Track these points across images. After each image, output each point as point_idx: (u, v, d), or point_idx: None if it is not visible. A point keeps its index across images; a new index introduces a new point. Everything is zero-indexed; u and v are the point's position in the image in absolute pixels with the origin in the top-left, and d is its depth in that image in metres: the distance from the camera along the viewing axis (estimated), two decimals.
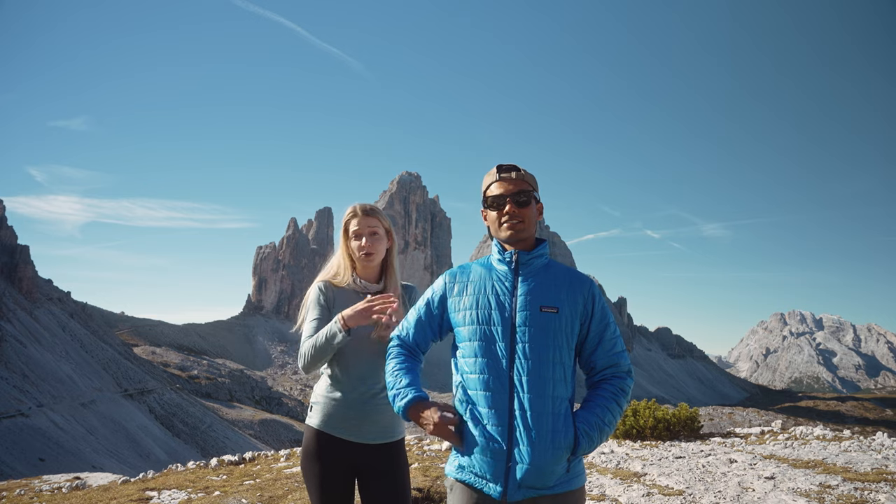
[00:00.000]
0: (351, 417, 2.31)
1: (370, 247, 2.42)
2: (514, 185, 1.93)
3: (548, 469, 1.75)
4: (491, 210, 1.97)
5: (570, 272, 1.96)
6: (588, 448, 1.80)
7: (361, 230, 2.43)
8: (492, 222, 1.98)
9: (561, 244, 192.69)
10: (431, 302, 2.03)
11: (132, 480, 7.43)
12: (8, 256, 75.99)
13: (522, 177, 1.95)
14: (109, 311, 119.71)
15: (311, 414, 2.41)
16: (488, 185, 1.98)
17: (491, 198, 1.96)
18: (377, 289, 2.48)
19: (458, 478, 1.87)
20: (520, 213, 1.92)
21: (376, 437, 2.34)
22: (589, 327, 1.91)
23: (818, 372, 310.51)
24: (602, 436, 1.82)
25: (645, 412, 9.29)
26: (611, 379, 1.90)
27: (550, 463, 1.75)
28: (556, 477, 1.77)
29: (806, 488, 5.14)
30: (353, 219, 2.45)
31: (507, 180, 1.94)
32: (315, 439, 2.34)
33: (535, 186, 1.99)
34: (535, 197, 1.98)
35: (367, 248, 2.41)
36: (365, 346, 2.34)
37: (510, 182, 1.94)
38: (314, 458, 2.32)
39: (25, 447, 43.92)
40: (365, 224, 2.44)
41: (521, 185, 1.94)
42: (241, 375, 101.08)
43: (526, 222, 1.93)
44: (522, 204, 1.93)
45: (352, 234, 2.45)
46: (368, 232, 2.43)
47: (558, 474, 1.78)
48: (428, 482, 5.75)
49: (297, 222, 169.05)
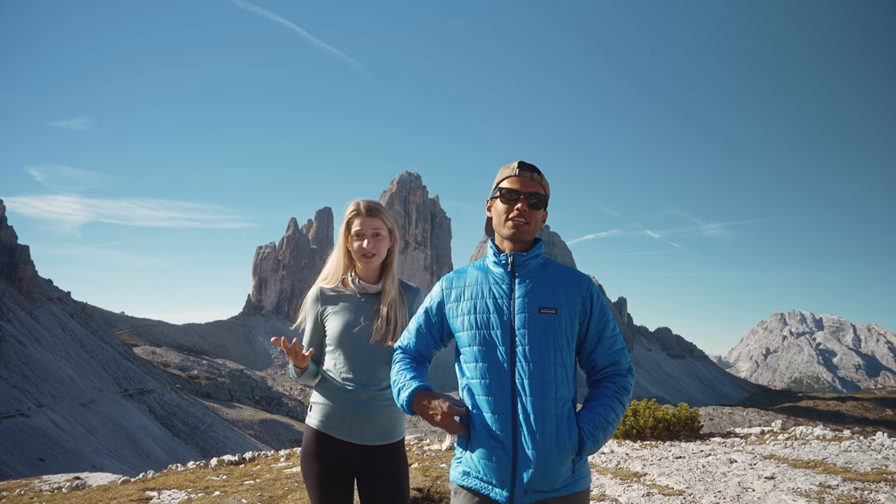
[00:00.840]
0: (350, 418, 2.30)
1: (372, 248, 2.34)
2: (530, 185, 1.91)
3: (554, 471, 1.73)
4: (501, 202, 1.93)
5: (568, 271, 1.94)
6: (593, 448, 1.78)
7: (364, 231, 2.34)
8: (497, 215, 1.94)
9: (561, 244, 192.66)
10: (430, 310, 2.01)
11: (132, 480, 7.42)
12: (8, 256, 76.01)
13: (540, 180, 1.93)
14: (109, 311, 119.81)
15: (310, 414, 2.40)
16: (505, 177, 1.94)
17: (505, 190, 1.92)
18: (376, 290, 2.40)
19: (463, 484, 1.83)
20: (529, 213, 1.90)
21: (376, 438, 2.32)
22: (588, 326, 1.89)
23: (818, 372, 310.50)
24: (606, 435, 1.81)
25: (645, 412, 9.30)
26: (612, 377, 1.89)
27: (556, 465, 1.74)
28: (562, 479, 1.76)
29: (806, 488, 5.14)
30: (356, 218, 2.36)
31: (525, 178, 1.91)
32: (314, 439, 2.33)
33: (548, 193, 1.97)
34: (545, 203, 1.96)
35: (368, 251, 2.34)
36: (364, 348, 2.31)
37: (528, 180, 1.91)
38: (314, 459, 2.31)
39: (25, 447, 43.93)
40: (368, 225, 2.35)
41: (537, 188, 1.92)
42: (241, 375, 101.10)
43: (531, 225, 1.91)
44: (534, 206, 1.91)
45: (353, 233, 2.36)
46: (371, 233, 2.35)
47: (564, 476, 1.76)
48: (428, 482, 5.74)
49: (297, 222, 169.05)
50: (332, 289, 2.43)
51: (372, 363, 2.32)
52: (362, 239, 2.35)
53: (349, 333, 2.33)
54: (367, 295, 2.41)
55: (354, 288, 2.41)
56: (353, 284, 2.41)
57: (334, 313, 2.37)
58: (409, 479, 2.41)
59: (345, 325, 2.34)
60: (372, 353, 2.32)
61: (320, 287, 2.44)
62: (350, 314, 2.37)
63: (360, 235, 2.35)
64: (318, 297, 2.42)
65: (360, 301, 2.39)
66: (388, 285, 2.41)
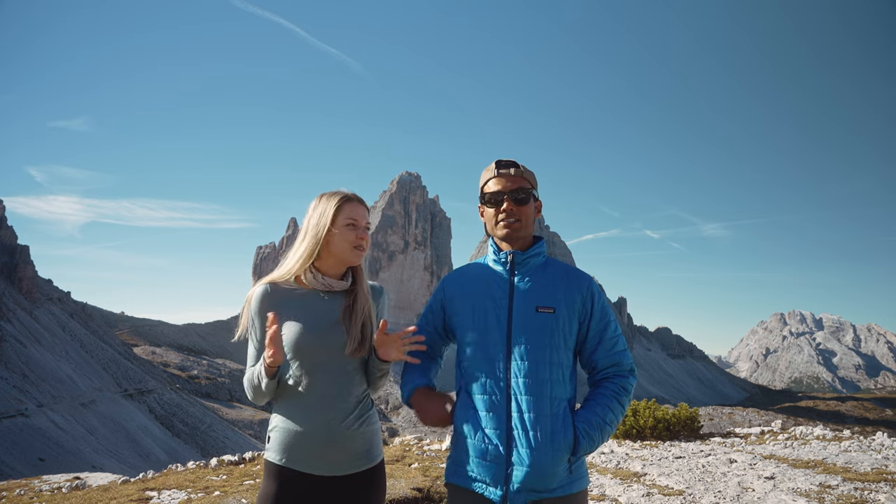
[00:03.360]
0: (316, 446, 1.88)
1: (366, 241, 2.01)
2: (512, 182, 1.88)
3: (548, 471, 1.72)
4: (488, 207, 1.91)
5: (569, 270, 1.91)
6: (589, 448, 1.77)
7: (359, 220, 1.99)
8: (488, 219, 1.93)
9: (561, 244, 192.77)
10: (432, 311, 2.02)
11: (132, 480, 7.42)
12: (8, 256, 75.97)
13: (522, 173, 1.90)
14: (109, 311, 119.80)
15: (268, 446, 1.95)
16: (486, 180, 1.93)
17: (489, 194, 1.90)
18: (343, 286, 2.00)
19: (458, 483, 1.83)
20: (518, 211, 1.87)
21: (348, 466, 1.91)
22: (588, 326, 1.86)
23: (818, 372, 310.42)
24: (603, 435, 1.79)
25: (645, 412, 9.30)
26: (612, 378, 1.87)
27: (550, 465, 1.72)
28: (557, 479, 1.74)
29: (806, 488, 5.14)
30: (348, 204, 1.98)
31: (505, 176, 1.88)
32: (273, 479, 1.89)
33: (534, 184, 1.93)
34: (533, 195, 1.92)
35: (364, 242, 1.99)
36: (336, 360, 1.91)
37: (509, 178, 1.88)
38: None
39: (25, 447, 43.92)
40: (362, 215, 2.01)
41: (521, 182, 1.89)
42: (240, 375, 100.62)
43: (523, 221, 1.88)
44: (521, 202, 1.88)
45: (347, 222, 1.96)
46: (365, 224, 2.03)
47: (560, 476, 1.75)
48: (428, 482, 5.74)
49: (297, 222, 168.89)
50: (285, 284, 1.98)
51: (344, 379, 1.92)
52: (357, 229, 1.97)
53: (312, 338, 1.89)
54: (332, 293, 1.99)
55: (316, 284, 1.97)
56: (313, 280, 1.97)
57: (290, 315, 1.92)
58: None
59: (305, 328, 1.90)
60: (341, 363, 1.92)
61: (267, 283, 1.98)
62: (311, 315, 1.93)
63: (354, 225, 1.97)
64: (265, 295, 1.94)
65: (322, 299, 1.97)
66: (362, 285, 2.03)
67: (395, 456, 7.72)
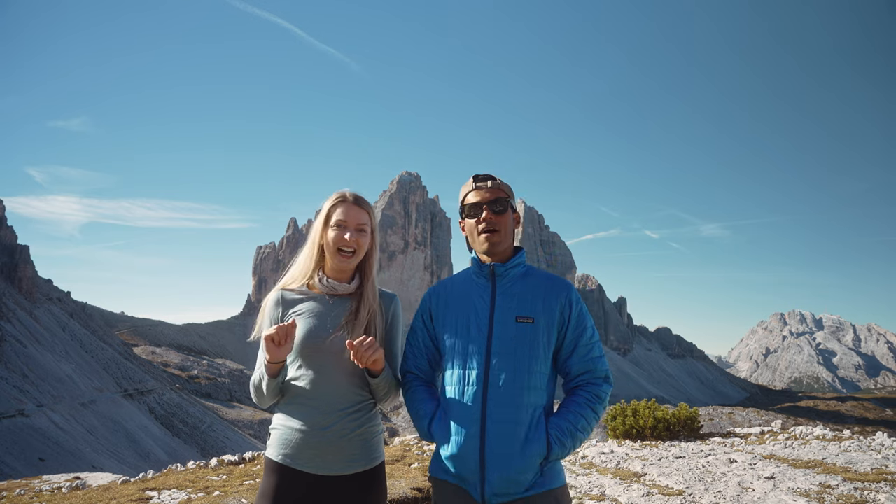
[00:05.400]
0: (314, 446, 1.91)
1: (353, 243, 1.98)
2: (490, 194, 1.97)
3: (516, 478, 1.79)
4: (469, 219, 2.00)
5: (549, 280, 1.98)
6: (560, 454, 1.83)
7: (348, 221, 1.99)
8: (469, 231, 2.01)
9: (561, 244, 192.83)
10: (419, 325, 2.08)
11: (132, 480, 7.42)
12: (8, 256, 75.98)
13: (499, 185, 1.99)
14: (109, 311, 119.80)
15: (269, 443, 2.00)
16: (465, 194, 2.01)
17: (468, 206, 1.99)
18: (348, 290, 2.03)
19: (442, 478, 1.93)
20: (496, 220, 1.95)
21: (347, 466, 1.93)
22: (565, 334, 1.93)
23: (818, 372, 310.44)
24: (575, 442, 1.86)
25: (645, 412, 9.30)
26: (586, 385, 1.93)
27: (520, 471, 1.79)
28: (527, 483, 1.81)
29: (806, 488, 5.14)
30: (340, 205, 2.01)
31: (483, 189, 1.97)
32: (274, 476, 1.92)
33: (511, 195, 2.02)
34: (511, 206, 2.01)
35: (349, 244, 1.98)
36: (336, 362, 1.94)
37: (487, 190, 1.97)
38: (271, 501, 1.90)
39: (25, 447, 43.91)
40: (354, 216, 2.00)
41: (498, 194, 1.97)
42: (241, 375, 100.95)
43: (502, 232, 1.95)
44: (499, 212, 1.96)
45: (334, 223, 1.99)
46: (356, 226, 2.00)
47: (531, 479, 1.81)
48: (428, 482, 5.74)
49: (297, 222, 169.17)
50: (297, 290, 2.05)
51: (345, 380, 1.96)
52: (344, 231, 1.98)
53: (315, 341, 1.94)
54: (337, 296, 2.04)
55: (322, 288, 2.03)
56: (320, 284, 2.03)
57: (298, 318, 1.99)
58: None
59: (310, 330, 1.96)
60: (343, 367, 1.95)
61: (281, 290, 2.07)
62: (316, 318, 1.98)
63: (342, 226, 1.99)
64: (278, 301, 2.04)
65: (327, 303, 2.02)
66: (367, 290, 2.04)
67: (395, 456, 7.73)
